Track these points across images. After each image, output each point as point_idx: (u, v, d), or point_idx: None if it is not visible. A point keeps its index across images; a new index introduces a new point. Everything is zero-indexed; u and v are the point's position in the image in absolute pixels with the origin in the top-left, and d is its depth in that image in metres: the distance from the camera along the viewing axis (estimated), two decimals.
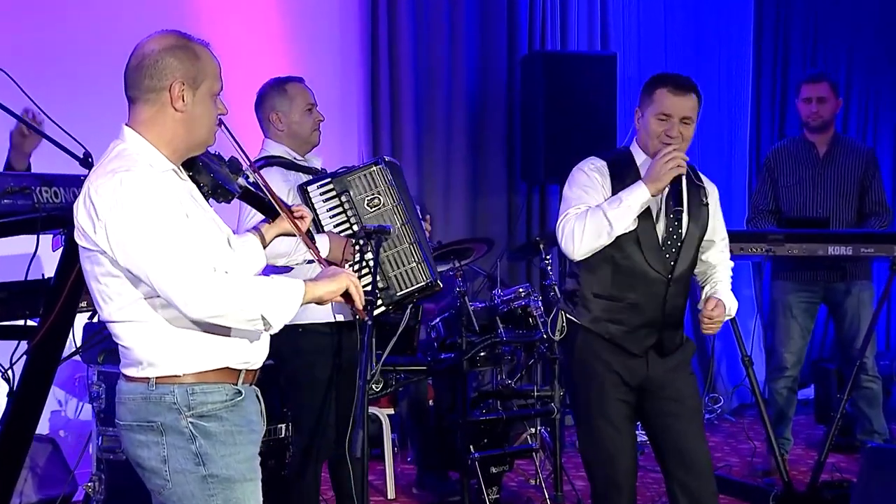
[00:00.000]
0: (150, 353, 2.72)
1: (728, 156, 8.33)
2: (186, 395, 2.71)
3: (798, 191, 6.15)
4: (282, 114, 4.45)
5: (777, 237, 5.60)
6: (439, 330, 5.58)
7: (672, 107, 3.87)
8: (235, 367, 2.80)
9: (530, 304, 5.43)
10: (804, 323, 6.12)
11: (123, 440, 2.79)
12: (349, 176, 4.32)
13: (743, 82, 8.53)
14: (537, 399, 5.44)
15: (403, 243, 4.28)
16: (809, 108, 6.16)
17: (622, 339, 3.94)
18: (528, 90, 7.15)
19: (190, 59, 2.73)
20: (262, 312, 2.64)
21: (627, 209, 3.78)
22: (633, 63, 7.78)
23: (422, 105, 7.06)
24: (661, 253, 3.91)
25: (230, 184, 2.93)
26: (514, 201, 7.46)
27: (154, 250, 2.57)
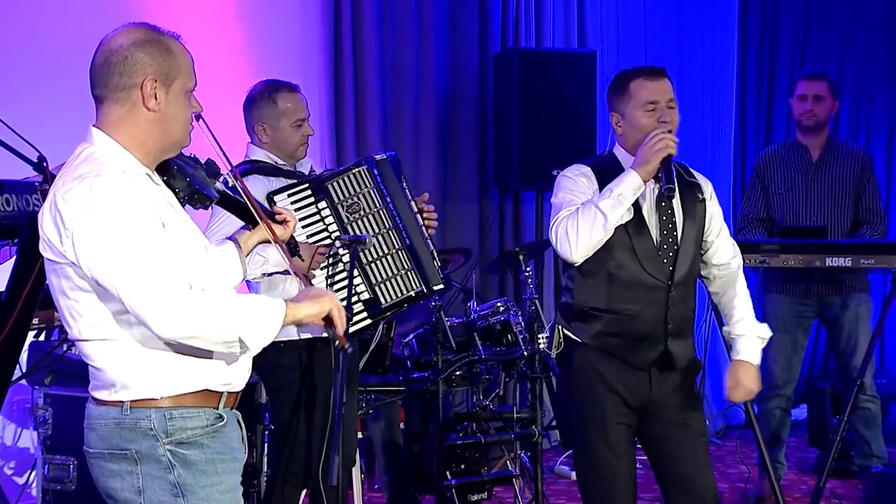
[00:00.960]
0: (123, 374, 2.67)
1: (711, 161, 8.36)
2: (164, 420, 2.67)
3: (790, 198, 6.18)
4: (268, 126, 4.48)
5: (772, 248, 5.63)
6: (412, 347, 5.56)
7: (655, 92, 3.91)
8: (216, 389, 2.76)
9: (510, 319, 5.42)
10: (798, 338, 6.15)
11: (93, 470, 2.74)
12: (329, 179, 4.31)
13: (727, 84, 8.59)
14: (517, 421, 5.42)
15: (389, 249, 4.27)
16: (804, 106, 6.18)
17: (624, 352, 3.94)
18: (502, 90, 7.14)
19: (162, 53, 2.71)
20: (239, 334, 2.61)
21: (619, 198, 3.78)
22: (612, 62, 7.80)
23: (388, 106, 7.03)
24: (658, 259, 3.91)
25: (208, 188, 2.90)
26: (486, 209, 7.45)
27: (125, 263, 2.53)
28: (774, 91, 8.74)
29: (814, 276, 6.01)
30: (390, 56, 7.04)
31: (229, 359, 2.77)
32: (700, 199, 4.03)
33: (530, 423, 5.35)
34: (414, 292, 4.27)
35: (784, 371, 6.15)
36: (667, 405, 3.97)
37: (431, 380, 5.16)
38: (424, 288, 4.29)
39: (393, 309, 4.30)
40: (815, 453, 6.95)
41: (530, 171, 6.91)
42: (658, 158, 3.80)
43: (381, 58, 6.98)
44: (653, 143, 3.80)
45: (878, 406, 6.17)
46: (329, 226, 4.26)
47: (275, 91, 4.50)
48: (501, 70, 7.17)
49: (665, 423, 3.97)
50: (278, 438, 4.48)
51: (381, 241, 4.27)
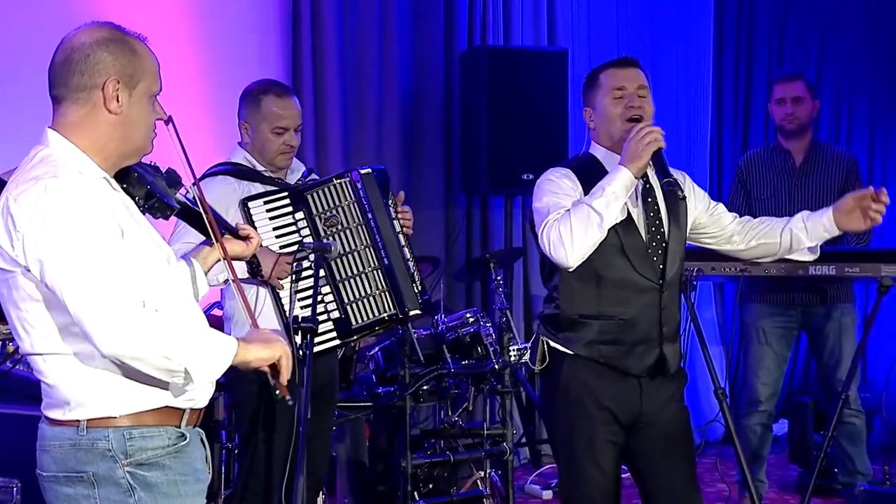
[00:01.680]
0: (78, 391, 2.64)
1: (686, 164, 8.38)
2: (123, 440, 2.64)
3: (773, 204, 6.19)
4: (250, 127, 4.47)
5: None
6: (378, 361, 5.54)
7: (623, 78, 3.93)
8: (178, 406, 2.73)
9: (481, 331, 5.40)
10: (780, 350, 6.17)
11: (46, 494, 2.70)
12: (309, 189, 4.30)
13: (703, 84, 8.62)
14: (487, 438, 5.42)
15: (365, 268, 4.25)
16: (784, 110, 6.20)
17: (619, 360, 3.92)
18: (469, 90, 7.14)
19: (126, 54, 2.68)
20: (186, 365, 2.59)
21: (613, 196, 3.76)
22: (584, 61, 7.81)
23: (349, 107, 7.01)
24: (649, 257, 3.91)
25: (168, 198, 2.88)
26: (452, 215, 7.44)
27: (75, 268, 2.50)
28: (752, 91, 8.78)
29: (796, 286, 6.03)
30: (351, 55, 7.02)
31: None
32: (681, 197, 4.01)
33: (501, 439, 5.33)
34: (387, 315, 4.27)
35: (766, 385, 6.15)
36: (656, 420, 3.96)
37: (398, 395, 5.15)
38: (399, 312, 4.28)
39: (364, 331, 4.30)
40: (796, 470, 6.97)
41: (499, 174, 6.91)
42: (649, 152, 3.78)
43: (342, 57, 6.95)
44: (641, 137, 3.77)
45: (863, 421, 6.19)
46: (304, 238, 4.26)
47: (262, 92, 4.49)
48: (468, 69, 7.16)
49: (654, 437, 3.96)
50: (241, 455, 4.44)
51: (357, 259, 4.27)
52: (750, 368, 6.22)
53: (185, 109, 4.63)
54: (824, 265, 5.61)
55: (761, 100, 8.63)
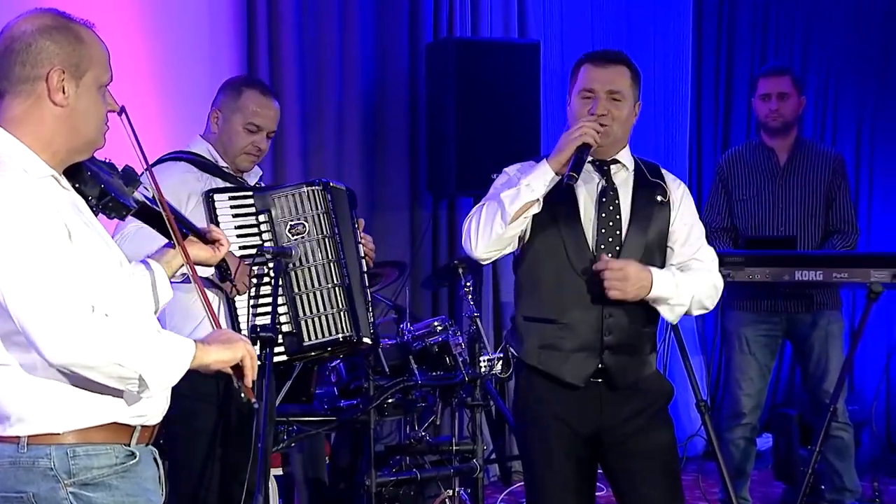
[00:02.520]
0: (20, 405, 2.61)
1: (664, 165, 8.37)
2: (66, 458, 2.61)
3: (755, 205, 6.21)
4: (221, 116, 4.44)
5: (736, 260, 5.65)
6: (340, 372, 5.52)
7: (595, 79, 3.91)
8: (128, 422, 2.70)
9: (450, 340, 5.39)
10: (764, 360, 6.17)
11: None
12: (275, 193, 4.28)
13: (681, 79, 8.64)
14: (456, 454, 5.40)
15: (325, 283, 4.23)
16: (768, 106, 6.22)
17: (557, 367, 3.91)
18: (436, 85, 7.12)
19: (71, 42, 2.66)
20: (140, 371, 2.56)
21: (526, 188, 3.77)
22: (556, 54, 7.81)
23: (307, 102, 6.97)
24: (593, 259, 3.88)
25: (124, 197, 2.85)
26: (417, 217, 7.41)
27: (19, 274, 2.48)
28: (733, 87, 8.80)
29: (781, 292, 6.04)
30: (310, 47, 6.98)
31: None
32: (659, 201, 4.00)
33: (470, 455, 5.32)
34: (342, 336, 4.24)
35: (749, 397, 6.16)
36: (624, 435, 3.94)
37: (361, 409, 5.14)
38: (354, 335, 4.25)
39: (315, 350, 4.26)
40: (781, 487, 6.97)
41: (468, 174, 6.87)
42: (572, 147, 3.80)
43: (300, 49, 6.91)
44: (570, 131, 3.82)
45: (852, 435, 6.20)
46: (265, 242, 4.23)
47: (247, 84, 4.48)
48: (435, 62, 7.15)
49: (627, 455, 3.94)
50: (178, 477, 4.35)
51: (318, 273, 4.25)
52: (732, 379, 6.23)
53: (130, 105, 4.55)
54: (811, 270, 5.62)
55: (743, 96, 8.65)
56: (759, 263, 5.63)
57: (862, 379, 8.49)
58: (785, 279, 5.66)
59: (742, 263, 5.63)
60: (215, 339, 2.77)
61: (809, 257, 5.71)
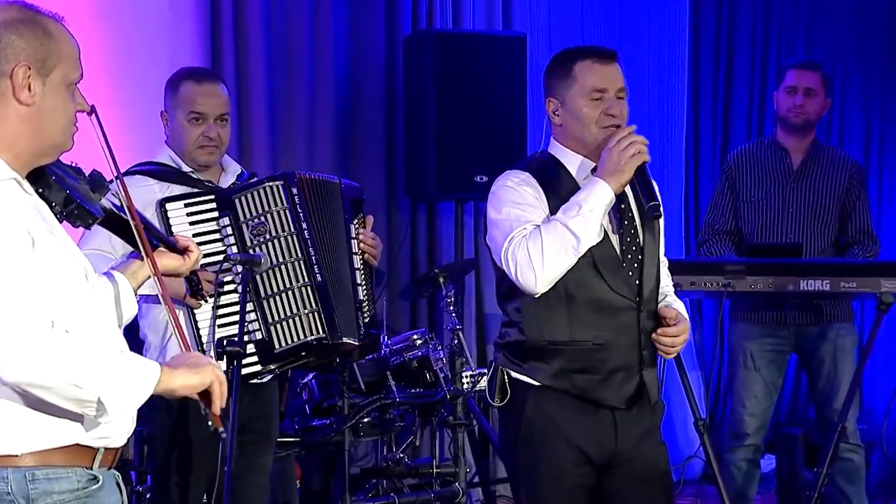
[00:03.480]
0: None
1: (659, 164, 8.41)
2: (25, 482, 2.61)
3: (764, 207, 6.20)
4: (168, 117, 4.49)
5: (737, 268, 5.67)
6: (312, 389, 5.53)
7: (605, 78, 3.86)
8: (90, 444, 2.70)
9: (430, 355, 5.40)
10: (770, 377, 6.16)
11: None
12: (238, 192, 4.29)
13: (678, 75, 8.64)
14: (437, 478, 5.42)
15: (293, 283, 4.24)
16: (793, 101, 6.18)
17: (595, 391, 3.89)
18: (414, 80, 7.14)
19: (38, 36, 2.67)
20: (99, 394, 2.56)
21: (591, 214, 3.73)
22: (543, 48, 7.82)
23: (276, 100, 6.99)
24: (624, 272, 3.90)
25: (91, 204, 2.85)
26: (395, 223, 7.43)
27: None
28: (733, 84, 8.82)
29: (788, 303, 6.03)
30: (279, 40, 7.00)
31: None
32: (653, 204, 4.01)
33: (452, 479, 5.33)
34: (313, 338, 4.25)
35: (753, 416, 6.14)
36: (632, 458, 3.96)
37: (335, 429, 5.14)
38: (328, 336, 4.25)
39: (289, 358, 4.29)
40: None
41: (449, 176, 6.90)
42: (633, 167, 3.77)
43: (268, 42, 6.93)
44: (623, 147, 3.75)
45: (862, 457, 6.18)
46: (229, 247, 4.25)
47: (182, 77, 4.51)
48: (413, 56, 7.16)
49: (629, 478, 3.96)
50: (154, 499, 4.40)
51: (285, 273, 4.26)
52: (736, 397, 6.21)
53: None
54: (817, 279, 5.64)
55: (743, 92, 8.69)
56: (761, 272, 5.65)
57: (871, 396, 8.52)
58: (789, 289, 5.68)
59: (743, 272, 5.64)
60: (182, 362, 2.76)
61: (815, 266, 5.72)
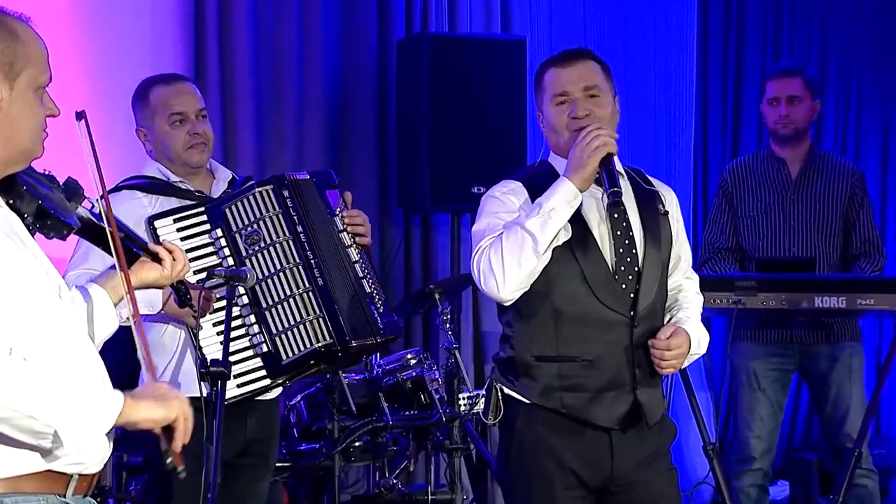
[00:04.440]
0: None
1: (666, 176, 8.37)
2: None
3: (763, 222, 6.21)
4: (146, 130, 4.50)
5: (748, 284, 5.66)
6: (300, 411, 5.51)
7: (564, 82, 3.93)
8: (63, 470, 2.69)
9: (425, 375, 5.39)
10: (775, 397, 6.16)
11: None
12: (228, 201, 4.31)
13: (685, 80, 8.63)
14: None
15: (294, 290, 4.24)
16: (777, 112, 6.23)
17: (584, 410, 3.90)
18: (408, 86, 7.12)
19: (4, 38, 2.67)
20: (56, 426, 2.55)
21: (551, 213, 3.75)
22: (544, 52, 7.79)
23: (263, 106, 6.99)
24: (616, 285, 3.90)
25: (66, 214, 2.84)
26: (387, 236, 7.42)
27: None
28: (743, 89, 8.82)
29: (794, 320, 6.03)
30: (266, 45, 6.99)
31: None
32: (662, 212, 4.04)
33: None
34: (321, 345, 4.24)
35: (760, 439, 6.15)
36: (634, 482, 3.95)
37: (325, 453, 5.13)
38: (336, 341, 4.25)
39: (298, 369, 4.28)
40: None
41: (444, 187, 6.89)
42: (595, 159, 3.77)
43: (255, 46, 6.93)
44: (587, 142, 3.78)
45: (876, 483, 6.19)
46: (225, 259, 4.27)
47: (149, 85, 4.53)
48: (407, 61, 7.16)
49: None
50: None
51: (285, 280, 4.27)
52: (741, 419, 6.22)
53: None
54: (832, 296, 5.64)
55: (754, 98, 8.68)
56: (773, 288, 5.65)
57: (888, 420, 8.52)
58: (803, 306, 5.67)
59: (755, 288, 5.64)
60: (149, 394, 2.75)
61: (831, 281, 5.71)
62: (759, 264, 6.05)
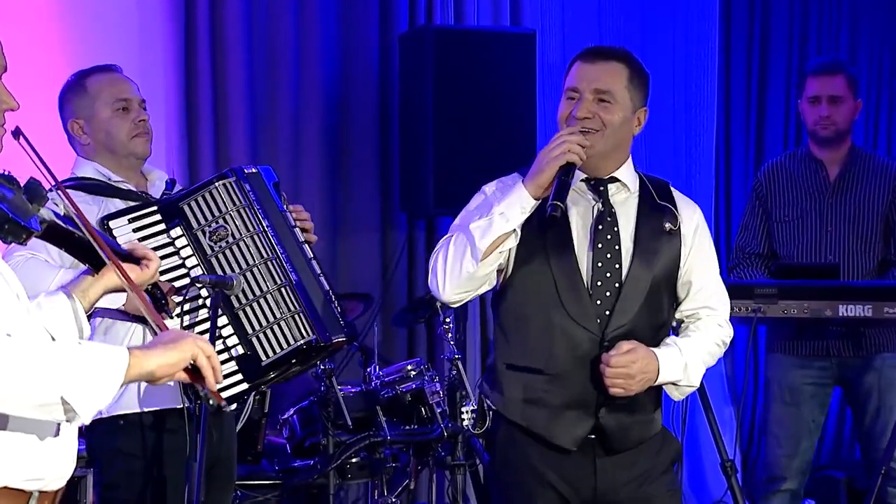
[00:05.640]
0: None
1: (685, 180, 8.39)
2: None
3: (799, 228, 6.16)
4: (83, 121, 4.45)
5: (767, 291, 5.63)
6: (294, 426, 5.51)
7: (579, 78, 3.91)
8: (22, 487, 2.68)
9: (425, 388, 5.39)
10: (811, 414, 6.11)
11: None
12: (184, 198, 4.28)
13: (706, 78, 8.61)
14: None
15: (268, 287, 4.22)
16: (817, 112, 6.15)
17: (544, 426, 3.89)
18: (412, 82, 7.14)
19: None
20: (62, 392, 2.53)
21: (499, 217, 3.74)
22: (555, 46, 7.82)
23: (257, 105, 7.02)
24: (587, 300, 3.87)
25: (26, 217, 2.82)
26: (390, 242, 7.44)
27: None
28: (767, 85, 8.79)
29: (830, 331, 5.98)
30: (260, 37, 7.02)
31: (41, 444, 2.68)
32: (668, 230, 3.98)
33: None
34: (304, 342, 4.20)
35: (791, 457, 6.10)
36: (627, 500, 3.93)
37: (319, 469, 5.12)
38: (319, 338, 4.22)
39: (279, 369, 4.24)
40: None
41: (449, 190, 6.84)
42: (553, 167, 3.75)
43: (248, 39, 6.95)
44: (550, 147, 3.78)
45: None
46: (186, 259, 4.24)
47: (84, 76, 4.49)
48: (411, 55, 7.17)
49: None
50: None
51: (257, 277, 4.23)
52: (771, 436, 6.18)
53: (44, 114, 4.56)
54: (858, 304, 5.60)
55: (779, 96, 8.67)
56: (795, 296, 5.61)
57: None
58: (827, 314, 5.64)
59: (775, 296, 5.61)
60: (157, 341, 2.74)
61: (856, 289, 5.68)
62: (779, 270, 6.00)
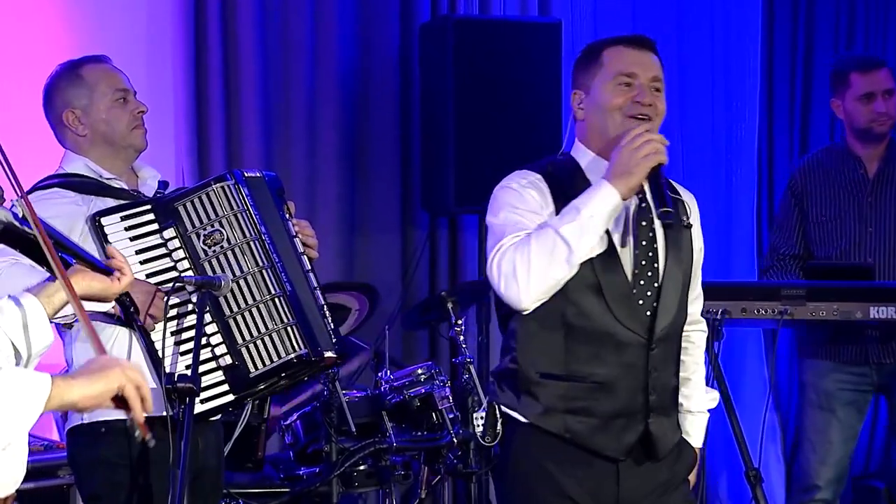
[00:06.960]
0: None
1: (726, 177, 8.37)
2: None
3: (837, 228, 6.14)
4: (80, 111, 4.44)
5: (795, 293, 5.62)
6: (297, 432, 5.52)
7: (634, 63, 3.89)
8: None
9: (434, 392, 5.40)
10: (849, 421, 6.10)
11: None
12: (180, 199, 4.30)
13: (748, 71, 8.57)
14: None
15: (262, 296, 4.25)
16: (873, 109, 6.11)
17: (590, 437, 3.89)
18: (433, 75, 7.15)
19: None
20: None
21: (590, 221, 3.71)
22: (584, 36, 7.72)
23: (271, 98, 7.02)
24: (633, 300, 3.87)
25: None
26: (410, 241, 7.45)
27: None
28: (813, 78, 8.73)
29: (868, 336, 5.97)
30: (274, 28, 7.02)
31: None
32: (685, 224, 4.01)
33: None
34: (294, 356, 4.23)
35: (827, 466, 6.09)
36: None
37: (322, 477, 5.14)
38: (311, 352, 4.24)
39: (266, 382, 4.28)
40: None
41: (471, 186, 6.85)
42: (645, 168, 3.74)
43: (262, 30, 6.95)
44: (636, 146, 3.73)
45: None
46: (179, 262, 4.27)
47: (77, 66, 4.49)
48: (432, 47, 7.17)
49: None
50: None
51: (250, 286, 4.26)
52: (807, 443, 6.16)
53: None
54: (891, 305, 5.58)
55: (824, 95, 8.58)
56: (824, 297, 5.59)
57: None
58: (857, 317, 5.61)
59: (803, 297, 5.59)
60: (84, 369, 2.73)
61: (888, 290, 5.66)
62: (809, 271, 6.00)
